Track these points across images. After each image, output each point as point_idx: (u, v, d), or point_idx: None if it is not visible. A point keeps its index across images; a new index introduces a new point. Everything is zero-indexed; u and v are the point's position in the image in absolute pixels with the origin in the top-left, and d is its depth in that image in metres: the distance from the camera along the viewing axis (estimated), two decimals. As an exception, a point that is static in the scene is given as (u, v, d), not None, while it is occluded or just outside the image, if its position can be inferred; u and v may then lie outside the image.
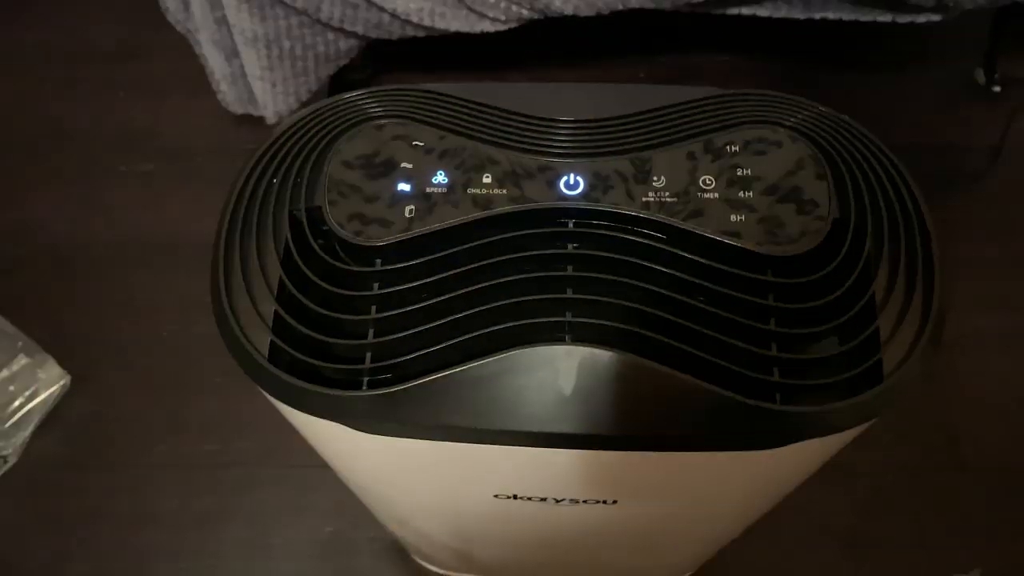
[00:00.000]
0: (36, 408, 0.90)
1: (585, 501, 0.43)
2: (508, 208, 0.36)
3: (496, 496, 0.43)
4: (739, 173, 0.36)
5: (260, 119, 1.01)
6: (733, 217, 0.35)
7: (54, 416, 0.91)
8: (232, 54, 0.95)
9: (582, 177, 0.37)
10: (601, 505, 0.43)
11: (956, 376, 0.87)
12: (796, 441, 0.34)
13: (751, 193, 0.36)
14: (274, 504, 0.86)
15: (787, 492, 0.47)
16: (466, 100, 0.40)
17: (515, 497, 0.43)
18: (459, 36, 0.90)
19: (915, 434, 0.84)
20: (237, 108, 1.02)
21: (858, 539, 0.81)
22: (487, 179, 0.37)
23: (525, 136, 0.38)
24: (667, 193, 0.36)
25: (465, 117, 0.39)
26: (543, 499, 0.43)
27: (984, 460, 0.83)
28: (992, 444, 0.83)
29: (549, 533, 0.52)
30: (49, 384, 0.91)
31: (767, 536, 0.78)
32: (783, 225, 0.35)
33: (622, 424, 0.33)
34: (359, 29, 0.89)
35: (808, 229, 0.35)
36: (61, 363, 0.92)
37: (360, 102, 0.39)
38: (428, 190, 0.37)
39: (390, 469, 0.42)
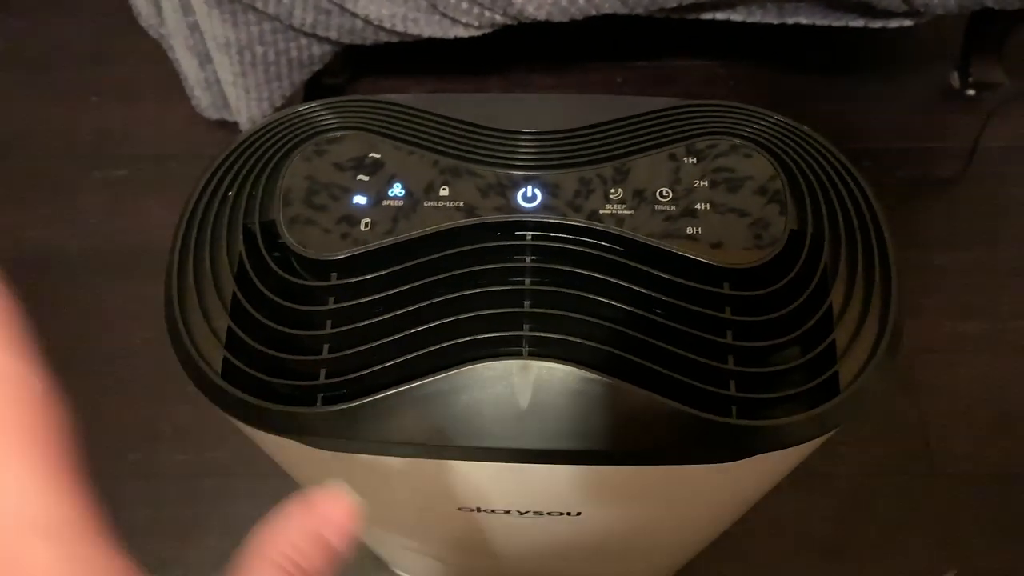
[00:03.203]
0: (7, 418, 0.89)
1: (549, 513, 0.43)
2: (465, 221, 0.36)
3: (460, 509, 0.43)
4: (695, 185, 0.36)
5: (234, 124, 1.00)
6: (690, 229, 0.35)
7: (25, 426, 0.90)
8: (206, 59, 0.95)
9: (540, 189, 0.36)
10: (566, 517, 0.43)
11: (928, 381, 0.87)
12: (753, 454, 0.34)
13: (707, 205, 0.36)
14: (249, 514, 0.84)
15: (752, 502, 0.47)
16: (425, 112, 0.39)
17: (479, 510, 0.43)
18: (435, 41, 0.90)
19: (889, 440, 0.84)
20: (211, 113, 1.01)
21: (834, 545, 0.81)
22: (444, 191, 0.36)
23: (483, 148, 0.38)
24: (624, 205, 0.36)
25: (423, 129, 0.39)
26: (507, 512, 0.43)
27: (956, 464, 0.83)
28: (964, 449, 0.84)
29: (517, 544, 0.52)
30: (20, 394, 0.90)
31: (744, 545, 0.78)
32: (739, 237, 0.35)
33: (579, 438, 0.33)
34: (332, 35, 0.89)
35: (764, 240, 0.35)
36: (32, 372, 0.91)
37: (317, 114, 0.39)
38: (384, 203, 0.36)
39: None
